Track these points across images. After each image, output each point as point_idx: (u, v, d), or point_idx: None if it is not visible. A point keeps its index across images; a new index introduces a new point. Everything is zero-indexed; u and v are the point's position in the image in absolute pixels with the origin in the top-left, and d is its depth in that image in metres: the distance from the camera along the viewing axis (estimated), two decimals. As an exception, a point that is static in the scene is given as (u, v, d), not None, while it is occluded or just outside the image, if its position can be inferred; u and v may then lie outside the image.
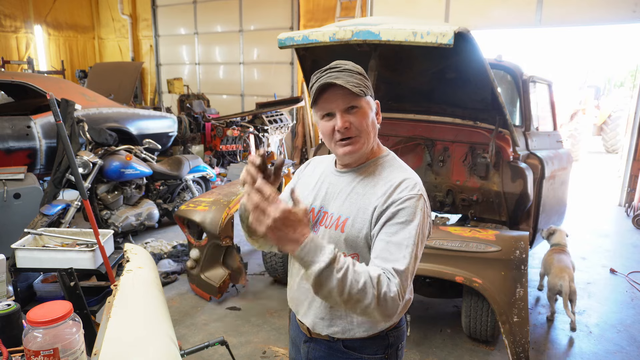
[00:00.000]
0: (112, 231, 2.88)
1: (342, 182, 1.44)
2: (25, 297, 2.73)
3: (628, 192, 7.24)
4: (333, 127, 1.35)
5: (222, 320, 3.65)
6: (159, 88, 13.41)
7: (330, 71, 1.34)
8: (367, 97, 1.37)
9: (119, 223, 4.86)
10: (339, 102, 1.34)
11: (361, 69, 1.38)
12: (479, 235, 3.05)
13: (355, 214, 1.36)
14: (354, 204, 1.37)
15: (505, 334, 2.77)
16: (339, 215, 1.39)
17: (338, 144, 1.38)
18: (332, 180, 1.47)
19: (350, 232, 1.35)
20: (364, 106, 1.36)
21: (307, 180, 1.57)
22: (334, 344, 1.46)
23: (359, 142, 1.37)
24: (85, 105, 5.91)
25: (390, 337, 1.46)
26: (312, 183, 1.54)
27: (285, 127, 9.07)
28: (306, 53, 3.67)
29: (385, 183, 1.36)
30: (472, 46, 2.87)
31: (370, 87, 1.39)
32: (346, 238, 1.36)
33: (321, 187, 1.49)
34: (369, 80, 1.41)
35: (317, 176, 1.54)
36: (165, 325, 1.54)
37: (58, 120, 2.88)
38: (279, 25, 10.24)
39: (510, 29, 7.75)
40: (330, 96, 1.34)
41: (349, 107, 1.34)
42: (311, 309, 1.46)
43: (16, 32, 12.54)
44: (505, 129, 3.60)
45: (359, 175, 1.42)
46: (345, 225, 1.36)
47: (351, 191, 1.40)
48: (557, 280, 3.60)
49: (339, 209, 1.40)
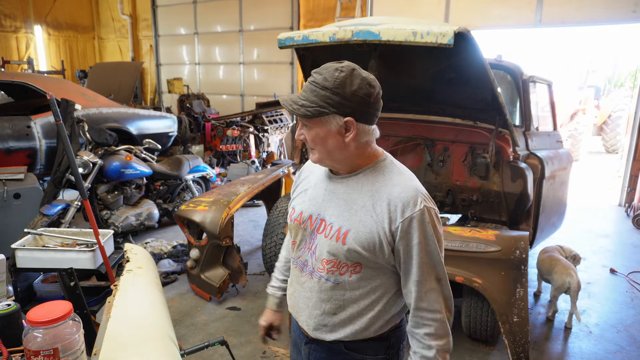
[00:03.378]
0: (112, 231, 2.88)
1: (339, 188, 1.41)
2: (25, 297, 2.73)
3: (628, 192, 7.24)
4: None
5: (222, 320, 3.65)
6: (159, 88, 13.41)
7: (309, 78, 1.33)
8: (322, 117, 1.28)
9: (119, 223, 4.86)
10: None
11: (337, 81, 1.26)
12: (479, 235, 3.05)
13: (357, 227, 1.33)
14: (355, 216, 1.34)
15: (505, 334, 2.77)
16: (339, 226, 1.36)
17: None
18: (327, 186, 1.44)
19: (352, 245, 1.33)
20: (314, 127, 1.32)
21: (304, 187, 1.54)
22: (335, 346, 1.45)
23: (315, 155, 1.37)
24: (85, 105, 5.91)
25: (391, 338, 1.46)
26: (309, 189, 1.51)
27: (285, 127, 9.07)
28: (306, 53, 3.67)
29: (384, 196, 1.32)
30: (472, 46, 2.87)
31: (339, 104, 1.26)
32: (348, 250, 1.34)
33: (317, 192, 1.46)
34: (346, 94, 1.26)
35: (313, 181, 1.51)
36: (165, 325, 1.54)
37: (58, 120, 2.88)
38: (279, 25, 10.24)
39: (510, 29, 7.75)
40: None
41: (303, 123, 1.35)
42: (312, 317, 1.45)
43: (16, 32, 12.54)
44: (505, 129, 3.60)
45: (356, 183, 1.38)
46: (347, 238, 1.34)
47: (349, 200, 1.37)
48: (565, 277, 3.58)
49: (338, 219, 1.37)
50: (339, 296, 1.39)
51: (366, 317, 1.40)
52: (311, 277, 1.43)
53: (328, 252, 1.37)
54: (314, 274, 1.42)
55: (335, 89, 1.26)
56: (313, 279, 1.43)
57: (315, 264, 1.42)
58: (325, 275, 1.39)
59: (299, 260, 1.48)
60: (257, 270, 4.59)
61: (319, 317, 1.43)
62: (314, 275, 1.42)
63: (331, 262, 1.37)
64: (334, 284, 1.39)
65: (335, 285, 1.39)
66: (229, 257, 3.98)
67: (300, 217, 1.47)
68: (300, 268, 1.48)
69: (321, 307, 1.42)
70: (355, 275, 1.37)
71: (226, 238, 3.76)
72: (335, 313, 1.41)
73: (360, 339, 1.42)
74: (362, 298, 1.39)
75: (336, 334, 1.43)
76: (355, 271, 1.36)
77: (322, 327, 1.44)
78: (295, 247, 1.51)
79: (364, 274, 1.37)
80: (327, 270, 1.38)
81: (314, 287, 1.42)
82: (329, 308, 1.41)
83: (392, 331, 1.46)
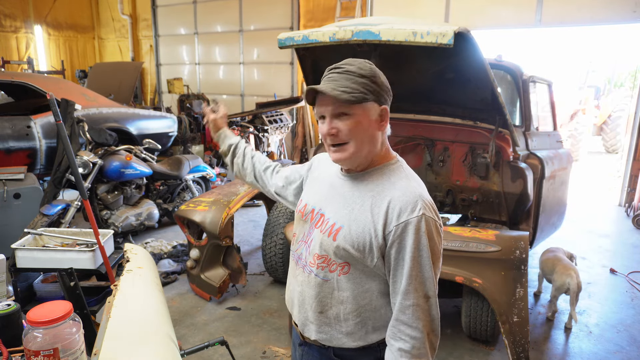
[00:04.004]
0: (112, 231, 2.88)
1: (344, 186, 1.40)
2: (25, 297, 2.73)
3: (628, 192, 7.24)
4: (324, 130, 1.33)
5: (222, 320, 3.65)
6: (159, 88, 13.41)
7: (332, 72, 1.30)
8: (365, 103, 1.28)
9: (119, 223, 4.86)
10: (330, 106, 1.29)
11: (372, 70, 1.31)
12: (479, 235, 3.05)
13: (350, 225, 1.32)
14: (351, 214, 1.33)
15: (505, 334, 2.77)
16: (334, 222, 1.36)
17: (329, 149, 1.35)
18: (334, 182, 1.44)
19: (342, 243, 1.31)
20: (356, 114, 1.28)
21: (313, 178, 1.56)
22: (325, 351, 1.44)
23: (347, 150, 1.31)
24: (85, 105, 5.91)
25: (382, 350, 1.37)
26: (317, 182, 1.52)
27: (285, 127, 9.06)
28: (306, 53, 3.67)
29: (385, 197, 1.30)
30: (472, 46, 2.87)
31: (376, 92, 1.30)
32: (337, 246, 1.32)
33: (323, 187, 1.47)
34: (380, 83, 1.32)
35: (323, 175, 1.51)
36: (165, 325, 1.54)
37: (58, 120, 2.88)
38: (279, 25, 10.23)
39: (510, 29, 7.74)
40: (324, 99, 1.30)
41: (340, 113, 1.29)
42: (301, 311, 1.45)
43: (16, 32, 12.53)
44: (505, 129, 3.60)
45: (361, 182, 1.37)
46: (338, 235, 1.32)
47: (350, 198, 1.36)
48: (565, 277, 3.58)
49: (334, 215, 1.37)
50: (326, 294, 1.38)
51: (351, 322, 1.37)
52: (303, 271, 1.44)
53: (320, 247, 1.37)
54: (306, 267, 1.42)
55: (372, 77, 1.29)
56: (304, 273, 1.43)
57: (307, 257, 1.42)
58: (315, 270, 1.39)
59: (296, 253, 1.49)
60: (257, 270, 4.59)
61: (307, 312, 1.43)
62: (306, 269, 1.42)
63: (322, 258, 1.37)
64: (323, 280, 1.38)
65: (324, 282, 1.38)
66: (229, 257, 3.98)
67: (305, 209, 1.48)
68: (295, 261, 1.49)
69: (310, 302, 1.41)
70: (343, 275, 1.35)
71: (226, 238, 3.76)
72: (321, 311, 1.40)
73: (348, 347, 1.39)
74: (349, 301, 1.35)
75: (321, 334, 1.41)
76: (343, 271, 1.35)
77: (309, 323, 1.43)
78: (295, 240, 1.52)
79: (352, 275, 1.34)
80: (317, 266, 1.38)
81: (305, 281, 1.43)
82: (316, 304, 1.40)
83: (382, 343, 1.39)
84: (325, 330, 1.40)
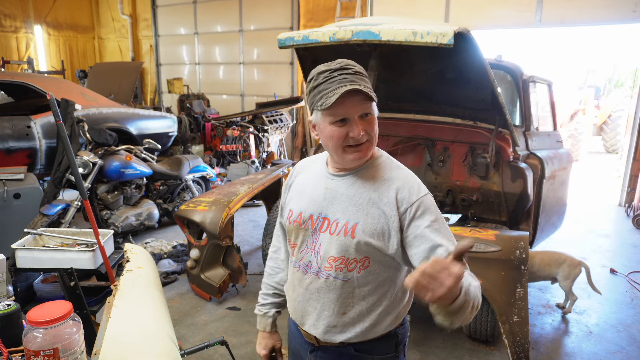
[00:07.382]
0: (112, 231, 2.88)
1: (341, 185, 1.40)
2: (25, 297, 2.73)
3: (628, 192, 7.24)
4: (346, 134, 1.30)
5: (222, 320, 3.65)
6: (159, 88, 13.41)
7: (343, 73, 1.27)
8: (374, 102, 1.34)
9: (119, 223, 4.86)
10: (357, 108, 1.29)
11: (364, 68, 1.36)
12: (479, 235, 3.05)
13: (364, 219, 1.34)
14: (361, 209, 1.35)
15: (505, 334, 2.77)
16: (346, 221, 1.36)
17: (348, 150, 1.34)
18: (328, 185, 1.43)
19: (362, 237, 1.33)
20: (373, 111, 1.33)
21: (299, 189, 1.52)
22: (344, 349, 1.43)
23: (369, 149, 1.36)
24: (85, 105, 5.91)
25: (399, 334, 1.46)
26: (306, 190, 1.48)
27: (285, 127, 9.07)
28: (306, 53, 3.67)
29: (390, 186, 1.35)
30: (472, 46, 2.87)
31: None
32: (358, 242, 1.34)
33: (317, 192, 1.44)
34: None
35: (310, 182, 1.49)
36: (165, 325, 1.54)
37: (58, 120, 2.88)
38: (279, 25, 10.23)
39: (510, 29, 7.75)
40: (348, 102, 1.27)
41: (364, 114, 1.31)
42: (321, 319, 1.43)
43: (16, 32, 12.54)
44: (505, 129, 3.60)
45: (358, 178, 1.39)
46: (356, 231, 1.34)
47: (354, 195, 1.37)
48: (576, 262, 3.77)
49: (344, 215, 1.37)
50: (347, 294, 1.38)
51: (375, 314, 1.40)
52: (317, 277, 1.41)
53: (336, 248, 1.37)
54: (321, 273, 1.40)
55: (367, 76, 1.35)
56: (320, 279, 1.41)
57: (321, 263, 1.40)
58: (333, 273, 1.38)
59: (302, 263, 1.46)
60: (257, 270, 4.59)
61: (328, 318, 1.41)
62: (321, 275, 1.40)
63: (339, 259, 1.37)
64: (343, 281, 1.38)
65: (344, 283, 1.38)
66: (229, 257, 3.98)
67: (300, 217, 1.45)
68: (303, 270, 1.45)
69: (330, 307, 1.40)
70: (363, 270, 1.36)
71: (226, 238, 3.76)
72: (344, 312, 1.40)
73: (369, 339, 1.41)
74: (371, 294, 1.39)
75: (346, 334, 1.41)
76: (363, 266, 1.36)
77: (332, 328, 1.42)
78: (296, 250, 1.48)
79: (372, 268, 1.37)
80: (335, 268, 1.37)
81: (322, 287, 1.41)
82: (338, 307, 1.40)
83: (399, 328, 1.46)
84: (349, 329, 1.41)
